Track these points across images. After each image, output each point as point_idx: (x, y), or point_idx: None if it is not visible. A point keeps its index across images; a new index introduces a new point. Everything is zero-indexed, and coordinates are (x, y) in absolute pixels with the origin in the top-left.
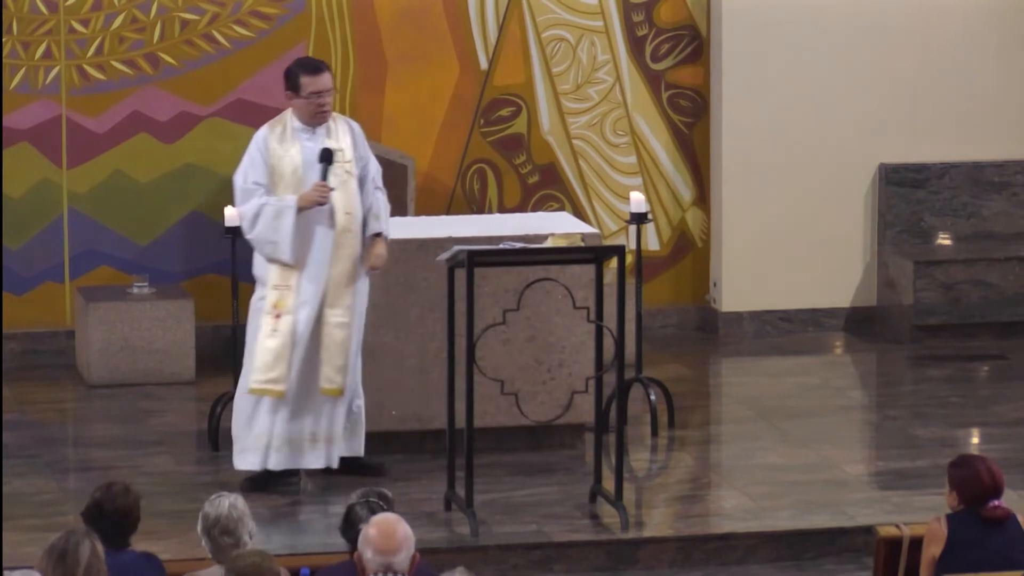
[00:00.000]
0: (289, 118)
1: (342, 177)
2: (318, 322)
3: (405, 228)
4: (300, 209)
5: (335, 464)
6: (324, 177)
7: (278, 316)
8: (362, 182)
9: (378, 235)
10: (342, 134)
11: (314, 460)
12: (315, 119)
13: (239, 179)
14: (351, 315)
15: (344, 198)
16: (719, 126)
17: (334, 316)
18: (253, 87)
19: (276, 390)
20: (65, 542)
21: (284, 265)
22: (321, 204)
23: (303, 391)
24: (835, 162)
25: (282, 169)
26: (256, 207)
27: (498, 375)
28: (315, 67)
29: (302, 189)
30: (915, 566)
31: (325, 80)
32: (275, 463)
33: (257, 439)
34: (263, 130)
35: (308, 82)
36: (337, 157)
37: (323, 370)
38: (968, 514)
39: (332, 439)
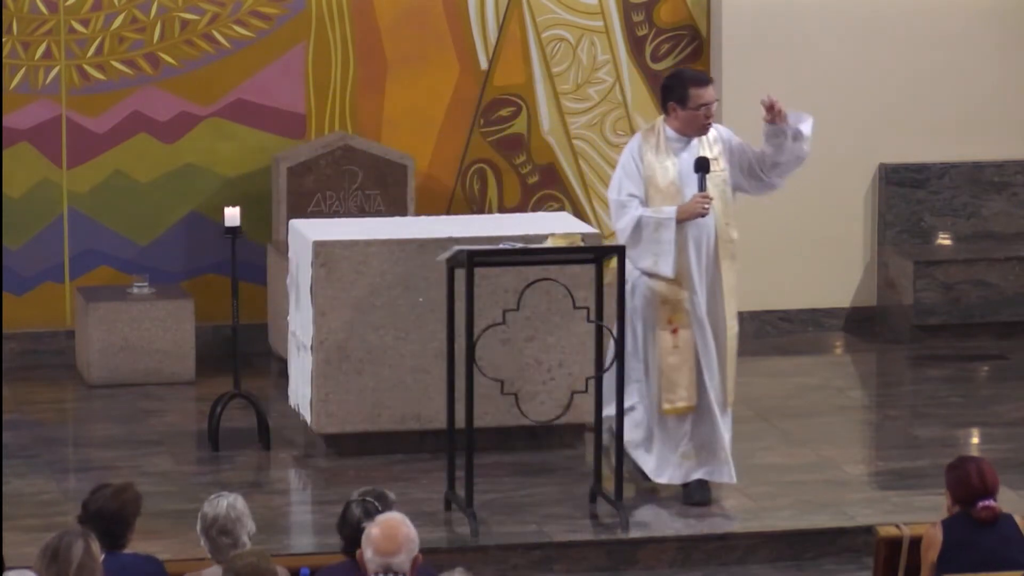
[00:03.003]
0: (662, 128)
1: (719, 187)
2: (717, 336)
3: (405, 228)
4: (679, 221)
5: (733, 479)
6: (702, 188)
7: (675, 331)
8: (751, 166)
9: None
10: (714, 143)
11: (717, 473)
12: (699, 131)
13: (613, 193)
14: (737, 325)
15: (721, 208)
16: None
17: (731, 328)
18: (253, 87)
19: (685, 406)
20: (58, 541)
21: (668, 279)
22: (702, 216)
23: (715, 407)
24: (835, 162)
25: (657, 180)
26: (633, 220)
27: (498, 375)
28: (703, 80)
29: (677, 201)
30: (915, 566)
31: (712, 92)
32: (683, 475)
33: (673, 453)
34: (636, 140)
35: (697, 94)
36: (712, 166)
37: (728, 384)
38: (962, 516)
39: (727, 453)
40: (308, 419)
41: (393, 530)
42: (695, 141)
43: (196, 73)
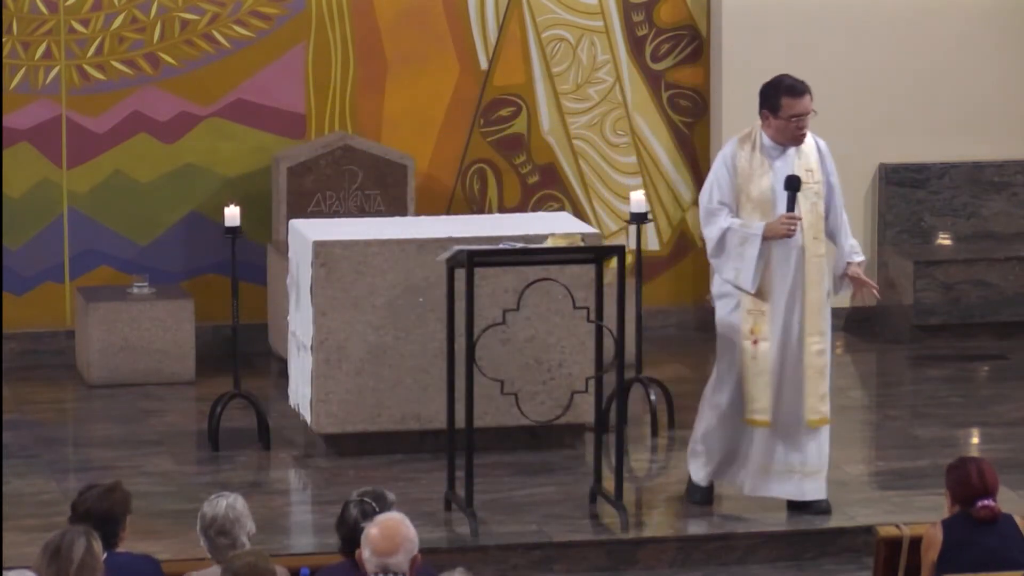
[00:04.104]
0: (758, 134)
1: (811, 200)
2: (795, 351)
3: (405, 228)
4: (766, 239)
5: (819, 496)
6: (791, 207)
7: (756, 343)
8: (828, 206)
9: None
10: (810, 153)
11: (791, 490)
12: (791, 141)
13: (704, 199)
14: (826, 341)
15: (812, 222)
16: (719, 126)
17: (813, 344)
18: (253, 87)
19: (763, 420)
20: (60, 539)
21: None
22: (788, 237)
23: (791, 421)
24: (835, 162)
25: (749, 190)
26: (720, 231)
27: (498, 375)
28: (799, 90)
29: (768, 212)
30: (915, 566)
31: (807, 103)
32: (750, 488)
33: (745, 461)
34: (731, 146)
35: (790, 104)
36: (805, 178)
37: (808, 401)
38: (962, 516)
39: (819, 471)
40: (308, 419)
41: (391, 530)
42: (791, 150)
43: (196, 73)
